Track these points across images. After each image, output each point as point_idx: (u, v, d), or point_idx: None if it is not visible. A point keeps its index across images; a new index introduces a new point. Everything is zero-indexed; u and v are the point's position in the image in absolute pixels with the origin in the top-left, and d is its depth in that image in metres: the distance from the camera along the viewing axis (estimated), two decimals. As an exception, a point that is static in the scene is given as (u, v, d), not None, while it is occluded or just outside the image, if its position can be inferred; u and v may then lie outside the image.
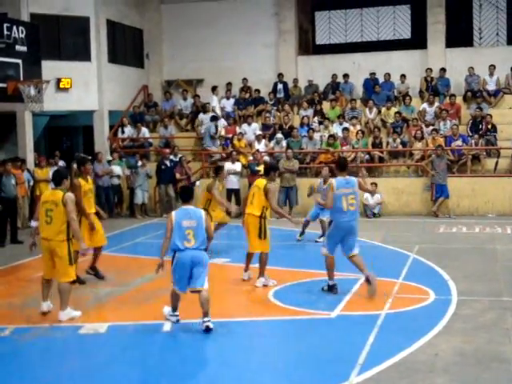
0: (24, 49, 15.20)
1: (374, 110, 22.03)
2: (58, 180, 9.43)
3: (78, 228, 9.55)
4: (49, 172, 18.77)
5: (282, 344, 8.30)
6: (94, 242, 11.50)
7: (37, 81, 15.39)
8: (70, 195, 9.21)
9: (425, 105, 21.67)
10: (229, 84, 23.69)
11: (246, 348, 8.05)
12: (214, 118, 21.62)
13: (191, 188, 9.43)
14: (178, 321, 8.93)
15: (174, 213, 8.72)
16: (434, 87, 22.28)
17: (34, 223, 9.74)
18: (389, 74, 22.90)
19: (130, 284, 11.39)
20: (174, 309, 8.96)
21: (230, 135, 21.53)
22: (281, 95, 23.64)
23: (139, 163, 20.18)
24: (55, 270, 9.25)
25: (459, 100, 21.94)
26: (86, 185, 11.48)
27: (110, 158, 20.42)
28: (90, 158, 14.05)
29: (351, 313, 9.34)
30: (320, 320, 9.04)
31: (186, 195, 8.88)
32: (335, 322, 8.96)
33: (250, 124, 21.74)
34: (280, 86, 23.71)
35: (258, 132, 21.31)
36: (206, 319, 8.48)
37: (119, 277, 12.02)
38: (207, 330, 8.40)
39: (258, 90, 23.54)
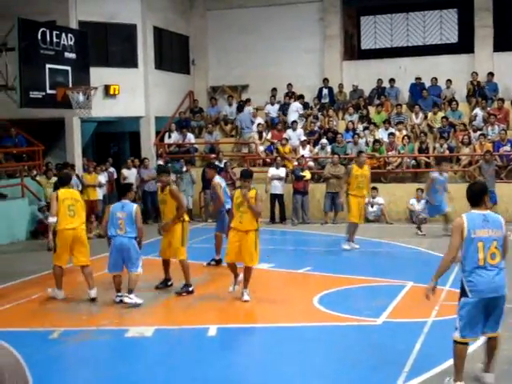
0: (73, 56, 15.46)
1: (421, 114, 21.82)
2: (67, 181, 11.35)
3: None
4: (97, 177, 19.07)
5: (327, 351, 8.26)
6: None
7: (85, 87, 15.63)
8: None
9: (477, 110, 21.36)
10: (273, 90, 23.73)
11: (291, 354, 8.03)
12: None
13: (128, 185, 11.28)
14: (121, 301, 10.29)
15: (112, 205, 10.61)
16: (482, 92, 21.97)
17: (52, 219, 10.88)
18: (435, 79, 22.68)
19: (175, 288, 11.46)
20: (118, 290, 10.49)
21: (275, 141, 21.56)
22: (326, 100, 23.59)
23: (184, 168, 20.34)
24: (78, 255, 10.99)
25: (507, 105, 21.59)
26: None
27: (160, 163, 20.58)
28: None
29: (397, 320, 9.25)
30: (366, 327, 8.98)
31: (122, 191, 10.92)
32: (381, 328, 8.89)
33: (294, 129, 21.73)
34: (325, 91, 23.67)
35: (303, 137, 21.29)
36: (125, 294, 10.20)
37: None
38: (120, 302, 10.22)
39: (301, 96, 23.50)
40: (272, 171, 19.42)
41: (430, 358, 7.52)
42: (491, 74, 22.12)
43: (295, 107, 22.85)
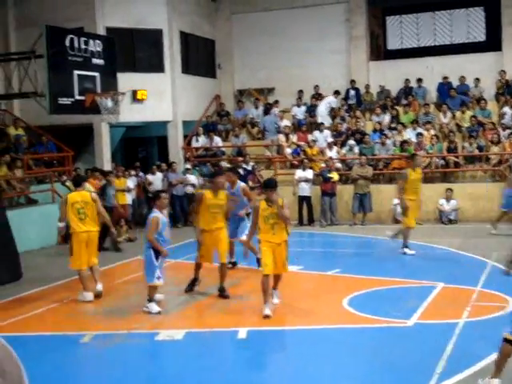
0: (101, 62, 15.60)
1: (449, 114, 21.66)
2: (79, 183, 11.58)
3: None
4: (126, 182, 19.21)
5: (358, 353, 8.22)
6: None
7: (113, 93, 15.76)
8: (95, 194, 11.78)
9: (506, 108, 21.14)
10: (300, 91, 23.72)
11: (321, 356, 8.01)
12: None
13: (156, 193, 10.78)
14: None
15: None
16: (511, 90, 21.73)
17: (59, 224, 11.39)
18: (463, 78, 22.49)
19: (205, 291, 11.50)
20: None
21: (302, 143, 21.55)
22: (353, 101, 23.52)
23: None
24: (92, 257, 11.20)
25: (537, 102, 21.33)
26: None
27: (188, 167, 20.67)
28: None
29: (428, 321, 9.18)
30: (396, 328, 8.92)
31: (152, 200, 11.64)
32: (412, 330, 8.83)
33: (321, 131, 21.69)
34: (352, 92, 23.60)
35: (330, 139, 21.24)
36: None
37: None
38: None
39: (337, 92, 23.41)
40: (299, 173, 19.41)
41: (461, 359, 7.45)
42: (520, 72, 21.86)
43: (328, 101, 22.81)
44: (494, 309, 9.53)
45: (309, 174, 19.50)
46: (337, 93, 23.44)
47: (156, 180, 20.09)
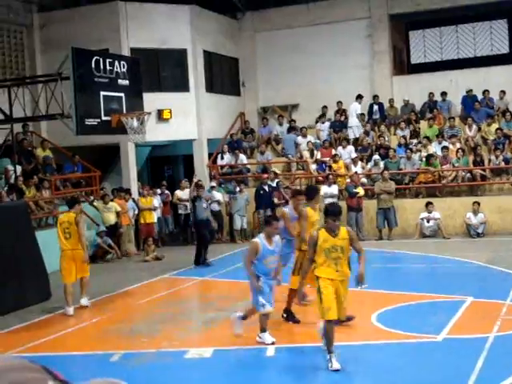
0: (126, 82, 15.74)
1: (474, 127, 21.54)
2: (71, 205, 12.62)
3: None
4: (153, 201, 19.35)
5: (388, 369, 8.16)
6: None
7: (139, 113, 15.89)
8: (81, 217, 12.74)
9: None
10: (324, 107, 23.74)
11: (351, 373, 7.98)
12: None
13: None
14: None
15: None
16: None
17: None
18: (488, 91, 22.37)
19: (233, 308, 11.50)
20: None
21: (326, 158, 21.54)
22: (377, 116, 23.48)
23: (237, 189, 20.47)
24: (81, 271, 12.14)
25: None
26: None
27: (214, 184, 20.77)
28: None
29: (458, 336, 9.10)
30: (426, 343, 8.85)
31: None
32: (442, 345, 8.75)
33: (344, 147, 21.69)
34: (376, 107, 23.57)
35: (354, 154, 21.22)
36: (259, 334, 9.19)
37: (222, 301, 12.18)
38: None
39: (360, 96, 23.35)
40: (324, 189, 19.38)
41: (493, 374, 7.38)
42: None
43: (354, 108, 22.82)
44: (524, 323, 9.42)
45: (334, 189, 19.47)
46: (359, 97, 23.26)
47: (184, 196, 20.19)
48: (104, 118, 15.01)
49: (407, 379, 7.64)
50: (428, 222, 18.66)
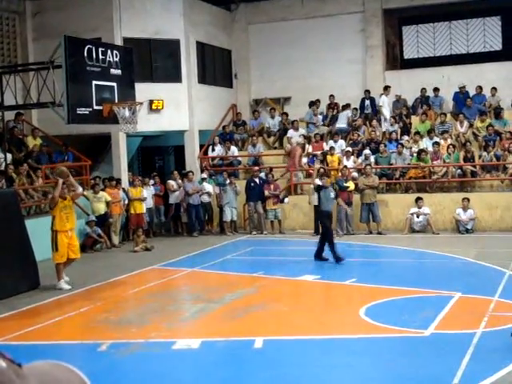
0: (118, 72, 15.69)
1: (465, 123, 21.59)
2: None
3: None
4: (142, 191, 19.32)
5: (374, 363, 8.21)
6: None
7: (131, 103, 15.85)
8: None
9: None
10: (316, 101, 23.73)
11: (338, 366, 8.01)
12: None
13: None
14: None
15: None
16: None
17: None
18: (480, 87, 22.41)
19: (221, 300, 11.53)
20: None
21: (318, 152, 21.55)
22: (368, 111, 23.49)
23: (227, 181, 20.46)
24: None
25: (555, 111, 21.23)
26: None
27: (205, 176, 20.75)
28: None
29: (445, 331, 9.14)
30: (413, 338, 8.90)
31: None
32: (429, 340, 8.79)
33: (336, 141, 21.71)
34: (367, 101, 23.58)
35: (345, 148, 21.24)
36: None
37: (210, 293, 12.18)
38: None
39: (348, 105, 23.39)
40: (316, 182, 19.38)
41: (479, 369, 7.42)
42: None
43: (383, 100, 22.81)
44: (511, 319, 9.47)
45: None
46: (386, 89, 23.13)
47: (175, 185, 20.20)
48: (95, 108, 14.98)
49: (394, 373, 7.68)
50: (417, 217, 18.72)
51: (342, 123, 22.77)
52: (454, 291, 11.19)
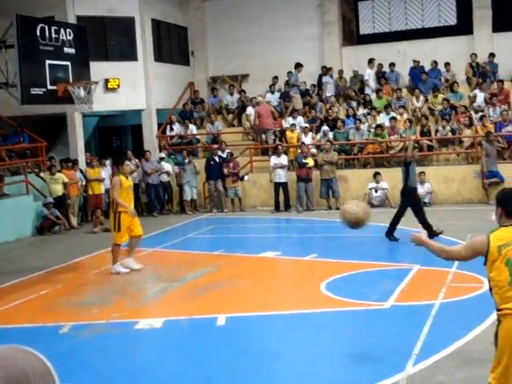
0: (72, 51, 15.42)
1: (421, 98, 21.80)
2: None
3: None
4: (100, 172, 19.12)
5: (336, 336, 8.31)
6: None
7: (86, 82, 15.61)
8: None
9: (476, 91, 21.34)
10: (274, 78, 23.68)
11: (300, 341, 8.08)
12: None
13: None
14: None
15: None
16: (482, 73, 21.91)
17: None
18: (435, 62, 22.62)
19: (183, 279, 11.53)
20: None
21: (277, 129, 21.56)
22: (326, 87, 23.52)
23: (186, 160, 20.36)
24: None
25: (508, 85, 21.53)
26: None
27: (163, 156, 20.59)
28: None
29: (405, 303, 9.30)
30: (373, 311, 9.02)
31: None
32: (389, 312, 8.93)
33: (295, 117, 21.73)
34: (325, 78, 23.60)
35: (304, 125, 21.28)
36: None
37: (171, 272, 12.17)
38: None
39: (304, 82, 23.42)
40: (273, 160, 19.46)
41: (438, 340, 7.56)
42: (492, 55, 22.00)
43: (368, 73, 23.04)
44: (469, 290, 9.66)
45: (284, 160, 19.54)
46: (370, 61, 23.22)
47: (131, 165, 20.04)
48: (50, 88, 14.72)
49: (355, 346, 7.78)
50: (376, 191, 18.91)
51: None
52: (412, 264, 11.36)
